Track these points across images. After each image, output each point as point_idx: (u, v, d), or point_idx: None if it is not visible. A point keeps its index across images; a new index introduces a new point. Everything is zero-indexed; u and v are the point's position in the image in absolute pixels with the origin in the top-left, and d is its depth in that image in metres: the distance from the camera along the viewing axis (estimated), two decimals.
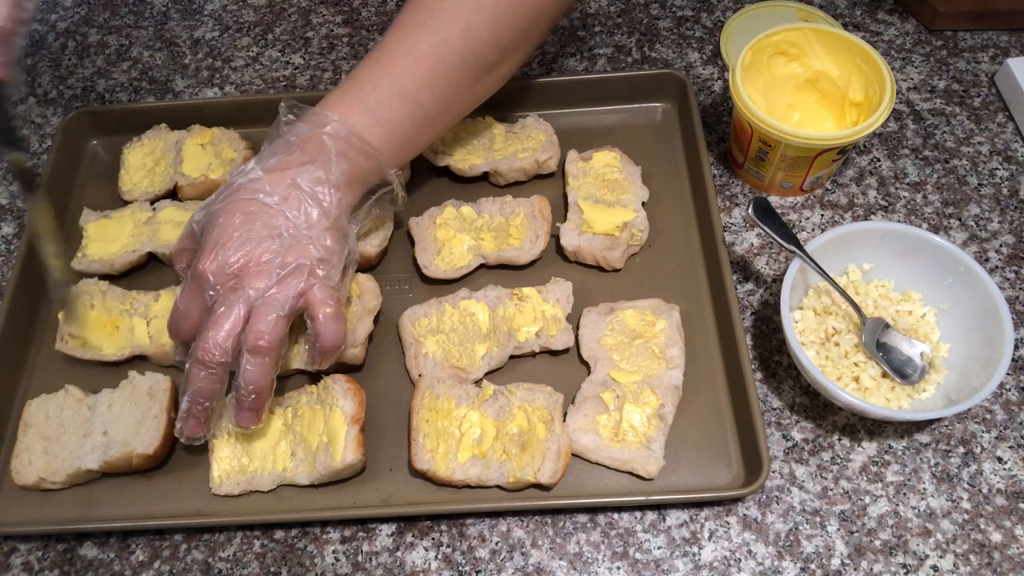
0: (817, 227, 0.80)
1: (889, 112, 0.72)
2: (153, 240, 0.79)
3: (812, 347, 0.70)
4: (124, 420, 0.68)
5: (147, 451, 0.66)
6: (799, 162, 0.76)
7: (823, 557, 0.64)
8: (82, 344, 0.74)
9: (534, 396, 0.69)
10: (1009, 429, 0.69)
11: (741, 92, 0.75)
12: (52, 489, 0.69)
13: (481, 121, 0.86)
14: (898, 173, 0.84)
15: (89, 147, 0.90)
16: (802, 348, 0.66)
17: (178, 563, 0.67)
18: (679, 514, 0.67)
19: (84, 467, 0.67)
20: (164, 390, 0.70)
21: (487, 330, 0.73)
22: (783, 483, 0.67)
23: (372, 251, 0.77)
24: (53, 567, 0.67)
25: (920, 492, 0.67)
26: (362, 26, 1.00)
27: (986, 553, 0.64)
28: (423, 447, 0.66)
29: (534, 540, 0.66)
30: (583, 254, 0.77)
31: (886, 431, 0.69)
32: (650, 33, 0.97)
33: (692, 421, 0.69)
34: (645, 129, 0.87)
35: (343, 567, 0.66)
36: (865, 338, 0.69)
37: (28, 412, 0.71)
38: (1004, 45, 0.92)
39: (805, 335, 0.70)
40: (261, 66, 0.98)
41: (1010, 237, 0.79)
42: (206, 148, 0.85)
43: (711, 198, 0.77)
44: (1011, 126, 0.86)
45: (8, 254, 0.85)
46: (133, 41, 1.02)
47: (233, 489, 0.67)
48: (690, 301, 0.75)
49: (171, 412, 0.69)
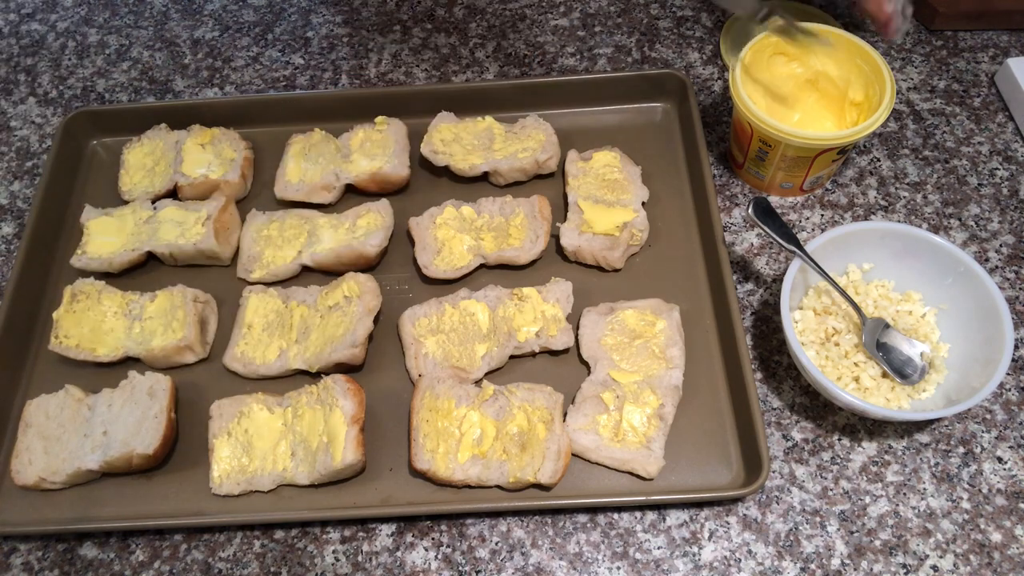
0: (817, 227, 0.80)
1: (889, 112, 0.72)
2: (153, 239, 0.79)
3: (812, 347, 0.70)
4: (124, 420, 0.68)
5: (147, 451, 0.66)
6: (799, 162, 0.76)
7: (823, 557, 0.64)
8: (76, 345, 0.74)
9: (534, 396, 0.69)
10: (1009, 429, 0.69)
11: (741, 92, 0.74)
12: (52, 489, 0.69)
13: (481, 121, 0.86)
14: (898, 173, 0.84)
15: (89, 147, 0.90)
16: (802, 348, 0.66)
17: (178, 563, 0.67)
18: (679, 514, 0.67)
19: (84, 467, 0.67)
20: (164, 390, 0.69)
21: (487, 330, 0.73)
22: (783, 483, 0.67)
23: (372, 251, 0.77)
24: (53, 567, 0.67)
25: (920, 492, 0.67)
26: (362, 26, 1.00)
27: (986, 553, 0.64)
28: (423, 447, 0.66)
29: (534, 540, 0.66)
30: (583, 254, 0.77)
31: (886, 431, 0.69)
32: (650, 33, 0.97)
33: (692, 421, 0.69)
34: (645, 129, 0.87)
35: (343, 567, 0.66)
36: (865, 338, 0.69)
37: (28, 412, 0.71)
38: (1004, 45, 0.92)
39: (805, 335, 0.70)
40: (261, 66, 0.98)
41: (1010, 237, 0.79)
42: (206, 148, 0.85)
43: (711, 198, 0.77)
44: (1011, 126, 0.86)
45: (8, 254, 0.85)
46: (133, 41, 1.02)
47: (233, 489, 0.67)
48: (690, 301, 0.75)
49: (171, 412, 0.69)
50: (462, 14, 1.01)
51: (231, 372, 0.74)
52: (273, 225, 0.81)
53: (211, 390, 0.72)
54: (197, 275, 0.80)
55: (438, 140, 0.84)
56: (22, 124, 0.96)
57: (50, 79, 0.99)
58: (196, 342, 0.73)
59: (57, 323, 0.74)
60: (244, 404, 0.70)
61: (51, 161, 0.85)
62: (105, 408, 0.70)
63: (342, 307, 0.73)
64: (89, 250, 0.79)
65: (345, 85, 0.95)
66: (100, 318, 0.75)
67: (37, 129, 0.95)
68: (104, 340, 0.75)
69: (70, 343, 0.74)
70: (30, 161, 0.92)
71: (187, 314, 0.73)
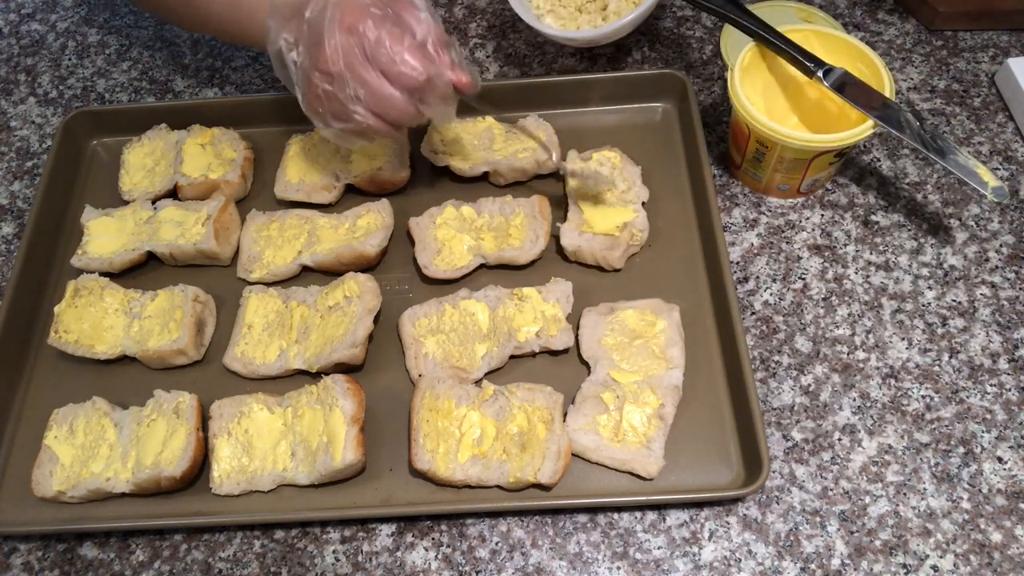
0: (817, 227, 0.80)
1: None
2: (153, 239, 0.79)
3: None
4: (152, 442, 0.68)
5: (175, 473, 0.66)
6: (796, 164, 0.76)
7: (823, 557, 0.64)
8: (75, 340, 0.74)
9: (534, 396, 0.69)
10: (1009, 429, 0.69)
11: (739, 93, 0.74)
12: (69, 502, 0.69)
13: (481, 121, 0.86)
14: (898, 173, 0.84)
15: (89, 147, 0.90)
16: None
17: (178, 563, 0.67)
18: (679, 514, 0.67)
19: (115, 491, 0.67)
20: (191, 408, 0.69)
21: (487, 330, 0.73)
22: (783, 483, 0.67)
23: (372, 251, 0.77)
24: (53, 567, 0.67)
25: (920, 492, 0.67)
26: None
27: (986, 553, 0.64)
28: (423, 447, 0.66)
29: (534, 540, 0.66)
30: (583, 254, 0.77)
31: (886, 431, 0.69)
32: (650, 33, 0.97)
33: (692, 421, 0.70)
34: (645, 129, 0.87)
35: (343, 567, 0.66)
36: None
37: (54, 420, 0.70)
38: (1004, 45, 0.92)
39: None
40: (261, 66, 0.98)
41: (1010, 237, 0.79)
42: (206, 148, 0.85)
43: (711, 198, 0.77)
44: (1011, 126, 0.86)
45: (8, 254, 0.85)
46: (133, 41, 1.02)
47: (233, 489, 0.67)
48: (690, 301, 0.75)
49: (199, 431, 0.69)
50: (462, 14, 1.01)
51: (231, 372, 0.74)
52: (273, 225, 0.81)
53: (211, 390, 0.72)
54: (197, 275, 0.80)
55: (438, 140, 0.84)
56: (22, 124, 0.96)
57: (50, 79, 0.99)
58: (191, 345, 0.73)
59: (58, 317, 0.74)
60: (244, 404, 0.70)
61: (51, 161, 0.85)
62: (133, 426, 0.69)
63: (342, 307, 0.73)
64: (89, 250, 0.79)
65: None
66: (101, 314, 0.75)
67: (37, 129, 0.95)
68: (103, 337, 0.75)
69: (69, 338, 0.74)
70: (30, 161, 0.92)
71: (184, 315, 0.73)
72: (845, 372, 0.72)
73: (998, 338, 0.73)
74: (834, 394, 0.71)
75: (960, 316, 0.75)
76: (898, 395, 0.71)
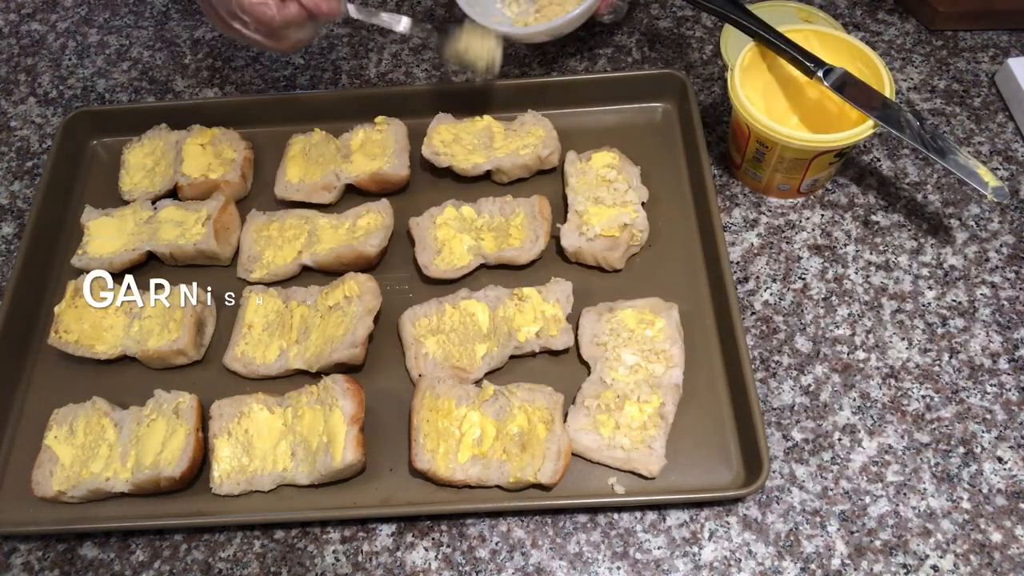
0: (817, 227, 0.80)
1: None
2: (153, 239, 0.79)
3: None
4: (152, 442, 0.68)
5: (174, 474, 0.66)
6: (796, 164, 0.76)
7: (823, 557, 0.64)
8: (75, 340, 0.74)
9: (534, 396, 0.69)
10: (1009, 429, 0.69)
11: (739, 93, 0.74)
12: (69, 502, 0.69)
13: (479, 120, 0.86)
14: (898, 173, 0.84)
15: (89, 147, 0.90)
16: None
17: (178, 563, 0.67)
18: (679, 514, 0.67)
19: (114, 491, 0.67)
20: (191, 408, 0.69)
21: (487, 330, 0.73)
22: (783, 483, 0.67)
23: (372, 251, 0.77)
24: (53, 567, 0.67)
25: (920, 492, 0.67)
26: (362, 26, 1.00)
27: (986, 553, 0.64)
28: (423, 447, 0.66)
29: (534, 540, 0.66)
30: (583, 255, 0.77)
31: (886, 431, 0.69)
32: (650, 33, 0.97)
33: (692, 421, 0.69)
34: (645, 129, 0.87)
35: (343, 567, 0.66)
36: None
37: (54, 420, 0.70)
38: (1004, 45, 0.92)
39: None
40: (261, 66, 0.98)
41: (1010, 237, 0.79)
42: (206, 148, 0.85)
43: (711, 198, 0.77)
44: (1011, 126, 0.86)
45: (8, 254, 0.85)
46: (133, 41, 1.02)
47: (233, 489, 0.67)
48: (690, 301, 0.75)
49: (199, 431, 0.69)
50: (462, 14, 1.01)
51: (231, 372, 0.74)
52: (273, 225, 0.81)
53: (211, 390, 0.72)
54: (197, 275, 0.80)
55: (438, 141, 0.84)
56: (22, 124, 0.96)
57: (50, 79, 0.99)
58: (190, 345, 0.73)
59: (58, 317, 0.74)
60: (244, 404, 0.70)
61: (51, 161, 0.85)
62: (133, 426, 0.69)
63: (342, 307, 0.73)
64: (90, 250, 0.79)
65: (345, 85, 0.95)
66: (101, 314, 0.75)
67: (37, 129, 0.95)
68: (103, 337, 0.75)
69: (69, 338, 0.74)
70: (30, 161, 0.92)
71: (184, 315, 0.73)
72: (845, 372, 0.72)
73: (998, 338, 0.73)
74: (834, 394, 0.71)
75: (960, 316, 0.75)
76: (898, 395, 0.71)
